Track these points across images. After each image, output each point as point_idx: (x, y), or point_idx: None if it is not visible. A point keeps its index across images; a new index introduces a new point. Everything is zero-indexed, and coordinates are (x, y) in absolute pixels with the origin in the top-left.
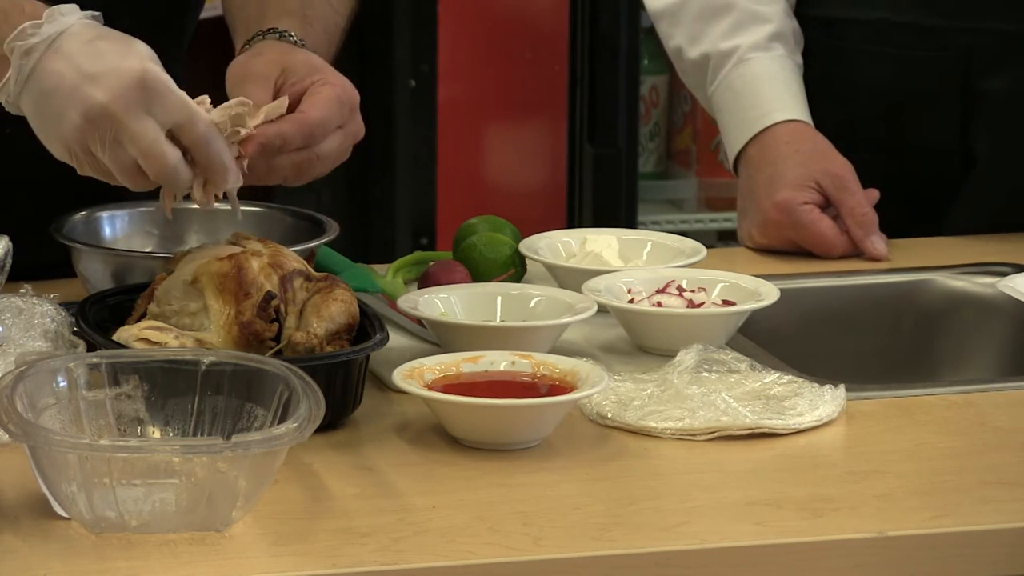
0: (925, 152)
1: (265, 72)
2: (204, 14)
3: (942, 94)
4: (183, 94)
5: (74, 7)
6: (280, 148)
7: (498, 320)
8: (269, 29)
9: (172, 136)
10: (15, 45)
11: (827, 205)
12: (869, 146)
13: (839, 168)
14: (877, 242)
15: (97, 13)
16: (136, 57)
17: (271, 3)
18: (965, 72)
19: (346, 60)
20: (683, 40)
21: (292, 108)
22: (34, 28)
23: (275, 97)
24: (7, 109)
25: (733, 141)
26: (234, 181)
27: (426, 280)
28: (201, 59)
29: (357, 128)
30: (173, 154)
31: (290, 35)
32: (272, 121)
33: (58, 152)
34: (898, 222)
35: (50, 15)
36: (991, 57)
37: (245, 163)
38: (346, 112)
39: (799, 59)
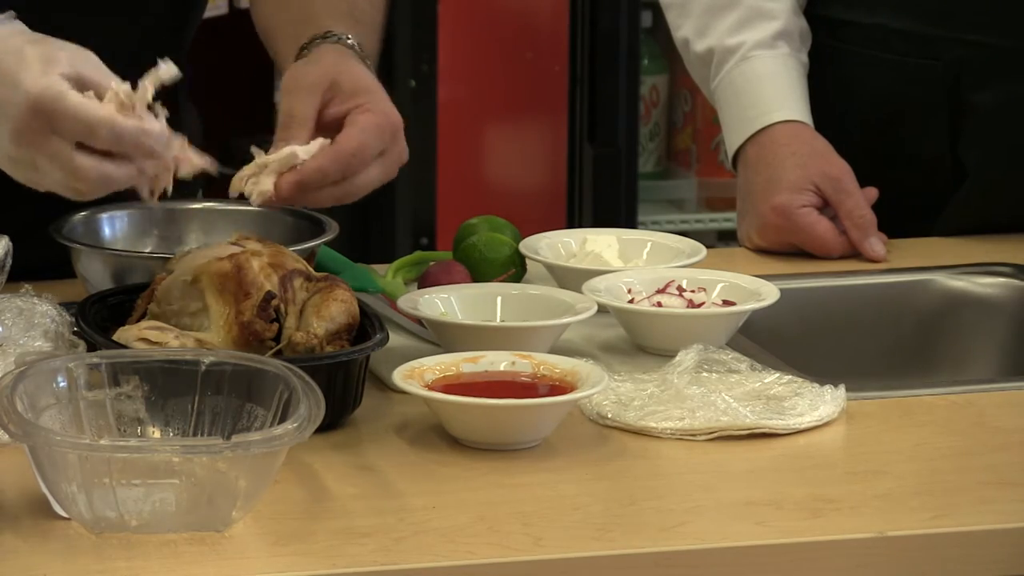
0: (916, 160)
1: (315, 83)
2: (205, 14)
3: (932, 103)
4: (77, 105)
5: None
6: (319, 183)
7: (498, 320)
8: (327, 33)
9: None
10: None
11: (825, 206)
12: (861, 151)
13: (837, 170)
14: (875, 244)
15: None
16: (29, 78)
17: (317, 4)
18: (955, 83)
19: None
20: (690, 32)
21: (333, 131)
22: None
23: (321, 111)
24: None
25: (732, 139)
26: (176, 150)
27: (426, 280)
28: (201, 59)
29: (400, 153)
30: (93, 168)
31: (348, 38)
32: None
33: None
34: (888, 228)
35: None
36: (981, 70)
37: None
38: (387, 138)
39: (804, 58)
